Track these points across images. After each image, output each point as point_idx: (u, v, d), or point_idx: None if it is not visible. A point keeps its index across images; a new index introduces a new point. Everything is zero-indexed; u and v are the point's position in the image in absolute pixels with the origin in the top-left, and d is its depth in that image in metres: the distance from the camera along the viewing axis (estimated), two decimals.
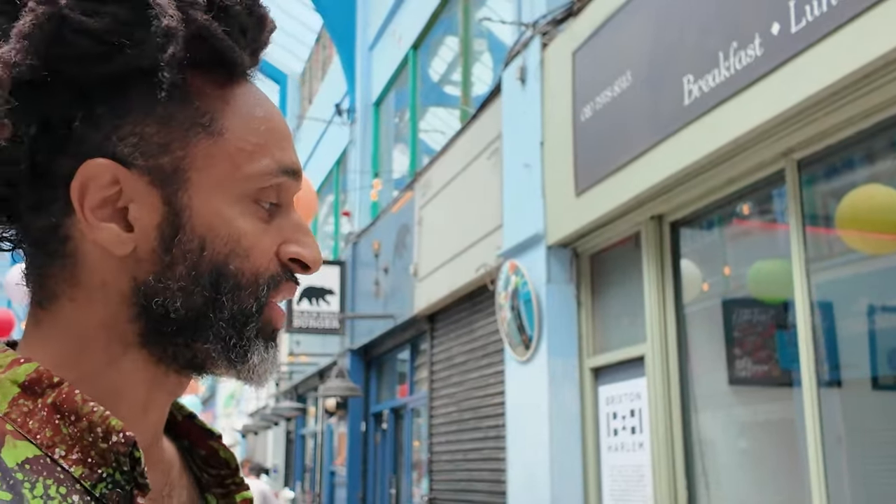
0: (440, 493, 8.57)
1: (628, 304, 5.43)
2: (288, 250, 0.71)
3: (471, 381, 7.88)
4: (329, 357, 12.93)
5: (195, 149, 0.67)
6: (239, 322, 0.68)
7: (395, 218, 10.15)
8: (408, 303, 9.30)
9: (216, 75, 0.69)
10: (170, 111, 0.67)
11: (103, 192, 0.66)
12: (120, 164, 0.66)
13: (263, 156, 0.69)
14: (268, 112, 0.72)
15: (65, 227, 0.66)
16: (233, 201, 0.68)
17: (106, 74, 0.65)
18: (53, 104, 0.65)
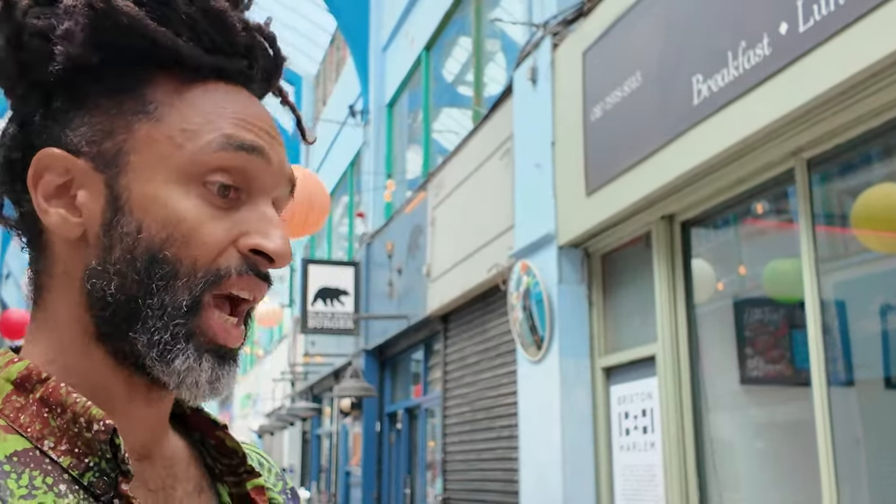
0: (454, 492, 8.59)
1: (639, 303, 5.43)
2: (248, 242, 0.68)
3: (484, 381, 7.90)
4: (344, 357, 12.98)
5: (137, 133, 0.68)
6: (168, 315, 0.65)
7: (408, 218, 10.18)
8: (421, 303, 9.32)
9: (177, 73, 0.70)
10: (117, 101, 0.68)
11: (55, 179, 0.68)
12: (70, 153, 0.68)
13: (208, 133, 0.67)
14: (231, 103, 0.70)
15: (39, 219, 0.69)
16: (173, 183, 0.66)
17: (59, 70, 0.67)
18: (27, 104, 0.70)
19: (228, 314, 0.68)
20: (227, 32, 0.71)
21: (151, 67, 0.69)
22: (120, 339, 0.67)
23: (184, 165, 0.67)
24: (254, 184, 0.69)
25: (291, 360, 17.07)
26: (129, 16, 0.66)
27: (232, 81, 0.72)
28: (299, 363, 16.67)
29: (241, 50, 0.72)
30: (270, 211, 0.69)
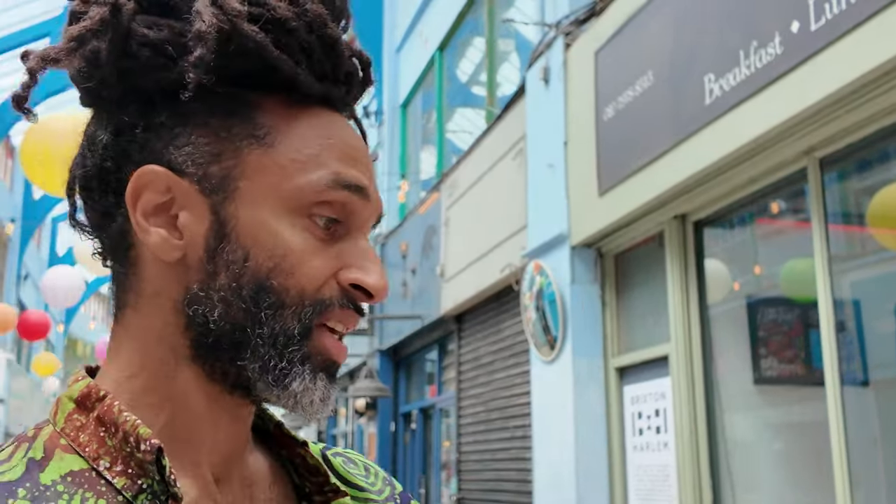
0: (468, 492, 8.60)
1: (652, 303, 5.42)
2: (348, 276, 0.68)
3: (497, 381, 7.90)
4: (359, 357, 13.01)
5: (246, 158, 0.67)
6: (280, 343, 0.65)
7: (422, 219, 10.20)
8: (435, 303, 9.34)
9: (285, 98, 0.69)
10: (227, 123, 0.67)
11: (156, 198, 0.67)
12: (174, 171, 0.67)
13: (318, 167, 0.67)
14: (337, 134, 0.70)
15: (130, 234, 0.68)
16: (282, 214, 0.66)
17: (167, 84, 0.66)
18: (123, 113, 0.68)
19: None
20: (337, 60, 0.71)
21: (261, 91, 0.69)
22: (222, 364, 0.66)
23: (293, 197, 0.66)
24: (353, 218, 0.69)
25: None
26: (256, 42, 0.66)
27: (332, 108, 0.72)
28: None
29: (343, 77, 0.72)
30: (367, 245, 0.70)
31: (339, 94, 0.71)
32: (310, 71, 0.69)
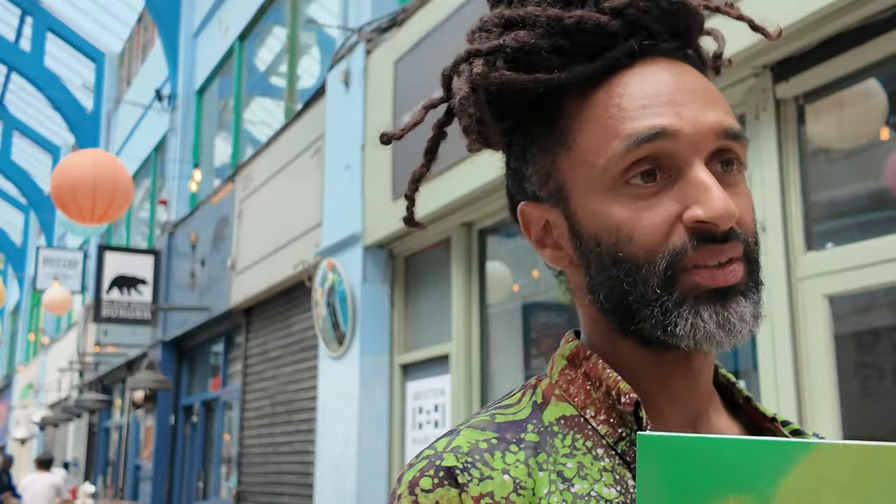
0: (249, 485, 8.62)
1: (437, 304, 5.73)
2: (689, 215, 0.70)
3: (285, 375, 7.99)
4: (139, 348, 12.61)
5: (562, 165, 0.77)
6: (651, 299, 0.71)
7: (214, 210, 10.07)
8: (224, 296, 9.27)
9: (576, 90, 0.76)
10: (544, 142, 0.78)
11: (538, 227, 0.81)
12: (534, 201, 0.80)
13: (610, 141, 0.72)
14: (625, 95, 0.74)
15: None
16: (602, 194, 0.73)
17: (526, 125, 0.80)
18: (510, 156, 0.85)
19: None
20: (599, 33, 0.75)
21: (553, 99, 0.77)
22: (635, 331, 0.74)
23: (602, 177, 0.73)
24: (672, 159, 0.72)
25: (81, 349, 16.34)
26: (508, 82, 0.77)
27: (626, 65, 0.76)
28: (90, 353, 15.99)
29: (623, 30, 0.76)
30: (700, 174, 0.71)
31: (622, 52, 0.75)
32: (579, 59, 0.75)
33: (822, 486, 0.54)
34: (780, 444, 0.56)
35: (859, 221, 3.55)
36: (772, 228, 3.42)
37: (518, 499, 0.68)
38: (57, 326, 21.77)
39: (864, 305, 3.50)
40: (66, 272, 15.94)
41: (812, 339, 3.24)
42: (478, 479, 0.69)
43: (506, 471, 0.70)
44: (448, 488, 0.68)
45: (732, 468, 0.56)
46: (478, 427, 0.74)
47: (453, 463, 0.69)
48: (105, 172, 6.87)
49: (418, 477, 0.70)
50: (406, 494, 0.70)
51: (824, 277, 3.24)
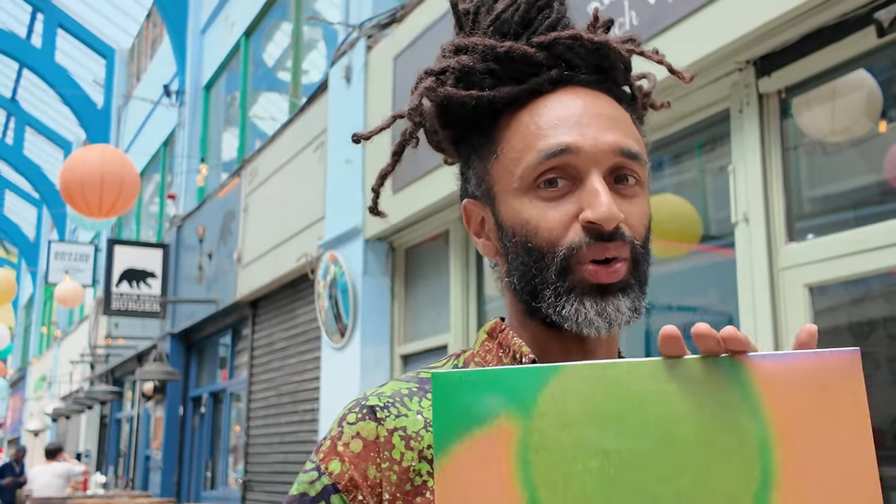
0: (255, 475, 8.75)
1: (436, 296, 5.84)
2: (581, 216, 0.85)
3: (289, 366, 8.11)
4: (148, 340, 12.77)
5: (492, 171, 0.91)
6: (550, 284, 0.85)
7: (221, 203, 10.20)
8: (231, 288, 9.39)
9: (508, 111, 0.92)
10: (481, 151, 0.93)
11: (475, 222, 0.96)
12: (473, 198, 0.95)
13: (527, 153, 0.87)
14: (544, 115, 0.88)
15: None
16: (518, 196, 0.88)
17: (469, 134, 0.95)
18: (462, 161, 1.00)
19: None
20: (526, 61, 0.91)
21: (491, 117, 0.93)
22: (538, 312, 0.88)
23: (519, 182, 0.88)
24: (575, 170, 0.86)
25: (92, 341, 16.53)
26: (449, 96, 0.92)
27: (548, 91, 0.91)
28: (101, 345, 16.17)
29: (548, 62, 0.91)
30: (594, 184, 0.85)
31: (546, 80, 0.90)
32: (508, 83, 0.90)
33: (568, 396, 0.70)
34: (537, 369, 0.71)
35: (840, 213, 3.63)
36: (754, 220, 3.50)
37: (427, 434, 0.84)
38: (69, 319, 22.00)
39: (851, 294, 3.58)
40: (78, 266, 16.12)
41: (793, 328, 3.32)
42: (394, 415, 0.85)
43: (419, 412, 0.86)
44: (368, 421, 0.85)
45: (503, 391, 0.70)
46: (402, 379, 0.91)
47: (375, 403, 0.86)
48: (112, 167, 6.99)
49: (346, 413, 0.87)
50: (335, 426, 0.87)
51: (805, 267, 3.33)
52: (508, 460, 0.70)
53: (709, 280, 4.25)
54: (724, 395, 0.69)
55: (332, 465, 0.85)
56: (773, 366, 0.69)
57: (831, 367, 0.69)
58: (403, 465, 0.83)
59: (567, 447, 0.69)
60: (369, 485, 0.83)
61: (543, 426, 0.70)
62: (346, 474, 0.84)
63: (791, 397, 0.69)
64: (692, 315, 4.38)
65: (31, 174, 22.64)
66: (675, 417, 0.69)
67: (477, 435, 0.70)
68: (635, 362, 0.71)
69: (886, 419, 3.56)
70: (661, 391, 0.70)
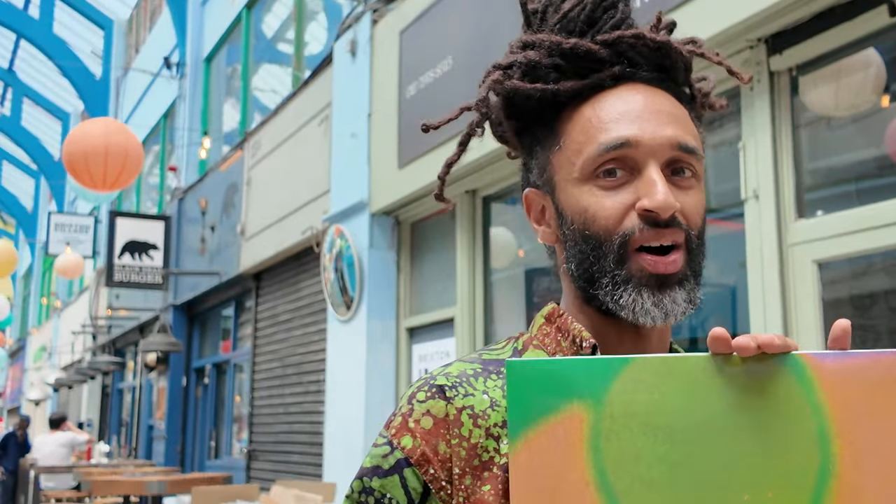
0: (260, 444, 8.84)
1: (442, 269, 5.88)
2: (638, 205, 0.89)
3: (294, 338, 8.17)
4: (151, 312, 12.83)
5: (553, 162, 0.96)
6: (608, 272, 0.89)
7: (223, 176, 10.21)
8: (234, 261, 9.43)
9: (572, 104, 0.96)
10: (545, 144, 0.98)
11: (536, 210, 1.01)
12: (535, 188, 1.00)
13: (588, 145, 0.91)
14: (606, 110, 0.93)
15: None
16: (578, 186, 0.92)
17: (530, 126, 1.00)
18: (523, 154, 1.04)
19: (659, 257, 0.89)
20: (590, 58, 0.95)
21: (555, 110, 0.97)
22: (595, 299, 0.92)
23: (579, 173, 0.93)
24: (633, 162, 0.90)
25: (93, 312, 16.59)
26: (515, 89, 0.96)
27: (610, 87, 0.95)
28: (102, 316, 16.23)
29: (611, 59, 0.95)
30: (652, 174, 0.89)
31: (607, 76, 0.94)
32: (574, 74, 0.95)
33: (637, 387, 0.75)
34: (609, 360, 0.76)
35: (849, 190, 3.67)
36: (764, 197, 3.54)
37: (493, 413, 0.89)
38: (69, 290, 22.04)
39: (859, 270, 3.63)
40: (78, 237, 16.13)
41: (801, 304, 3.37)
42: (462, 395, 0.90)
43: (485, 392, 0.91)
44: (437, 400, 0.89)
45: (575, 380, 0.76)
46: (466, 360, 0.96)
47: (444, 382, 0.91)
48: (117, 140, 6.99)
49: (415, 392, 0.92)
50: (405, 404, 0.92)
51: (814, 244, 3.37)
52: (580, 446, 0.75)
53: (717, 253, 4.29)
54: (786, 389, 0.74)
55: (404, 440, 0.89)
56: (833, 364, 0.74)
57: (887, 365, 0.73)
58: (472, 442, 0.87)
59: (636, 434, 0.74)
60: (440, 459, 0.87)
61: (614, 414, 0.75)
62: (417, 449, 0.88)
63: (849, 393, 0.73)
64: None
65: (29, 145, 22.56)
66: (738, 409, 0.74)
67: (550, 420, 0.75)
68: (703, 356, 0.75)
69: None
70: (726, 384, 0.75)
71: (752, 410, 0.74)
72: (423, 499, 0.88)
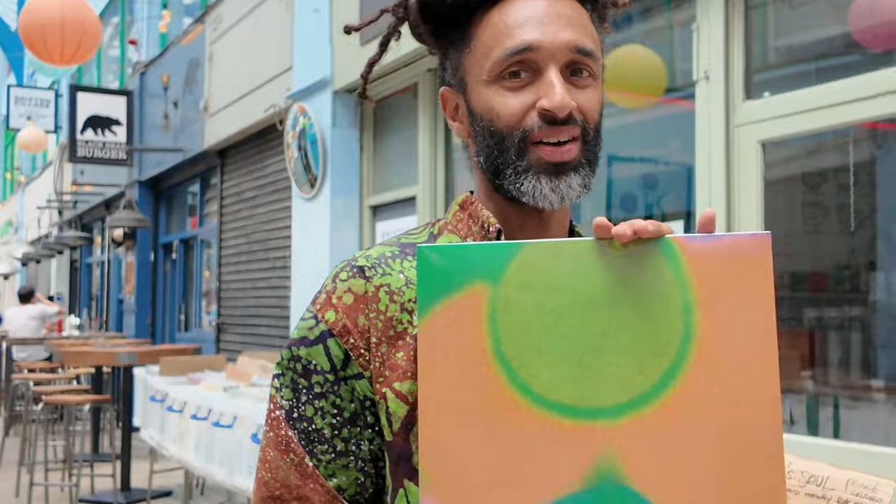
0: (228, 318, 9.05)
1: (405, 148, 5.95)
2: (538, 105, 0.98)
3: (259, 215, 8.26)
4: (116, 188, 12.79)
5: (465, 63, 1.04)
6: (510, 162, 0.99)
7: (184, 51, 10.03)
8: (198, 137, 9.39)
9: (483, 8, 1.03)
10: (458, 46, 1.05)
11: (450, 107, 1.09)
12: (449, 86, 1.08)
13: (495, 49, 1.00)
14: (512, 15, 1.00)
15: None
16: (486, 86, 1.01)
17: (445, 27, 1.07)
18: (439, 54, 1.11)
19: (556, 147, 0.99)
20: None
21: (468, 12, 1.04)
22: (501, 188, 1.03)
23: (487, 74, 1.01)
24: (535, 66, 0.99)
25: (58, 187, 16.48)
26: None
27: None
28: (67, 191, 16.14)
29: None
30: (551, 76, 0.98)
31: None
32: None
33: (531, 267, 0.86)
34: (506, 244, 0.87)
35: (808, 69, 3.75)
36: (714, 78, 3.62)
37: (407, 290, 1.01)
38: (33, 165, 21.78)
39: (809, 147, 3.76)
40: (40, 111, 15.85)
41: (745, 182, 3.51)
42: (380, 274, 1.02)
43: (402, 272, 1.02)
44: (358, 279, 1.01)
45: (478, 262, 0.87)
46: (386, 244, 1.07)
47: (364, 263, 1.03)
48: (73, 14, 6.84)
49: (339, 272, 1.03)
50: (330, 283, 1.03)
51: (759, 125, 3.48)
52: (479, 319, 0.87)
53: (671, 132, 4.39)
54: (658, 269, 0.86)
55: (327, 314, 1.01)
56: (699, 245, 0.86)
57: (746, 247, 0.85)
58: (388, 315, 0.99)
59: (528, 309, 0.86)
60: (359, 331, 0.99)
61: (510, 292, 0.87)
62: (339, 322, 1.00)
63: (711, 271, 0.86)
64: (654, 166, 4.55)
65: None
66: (617, 286, 0.86)
67: (454, 297, 0.87)
68: (588, 241, 0.87)
69: (831, 265, 3.83)
70: (607, 265, 0.87)
71: (629, 287, 0.86)
72: (344, 365, 0.99)
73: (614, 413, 0.85)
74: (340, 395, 1.00)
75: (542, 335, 0.86)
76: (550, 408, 0.85)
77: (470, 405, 0.86)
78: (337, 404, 1.00)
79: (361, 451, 1.00)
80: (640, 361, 0.85)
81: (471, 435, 0.86)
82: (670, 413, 0.84)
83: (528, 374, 0.86)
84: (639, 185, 4.80)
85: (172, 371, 5.10)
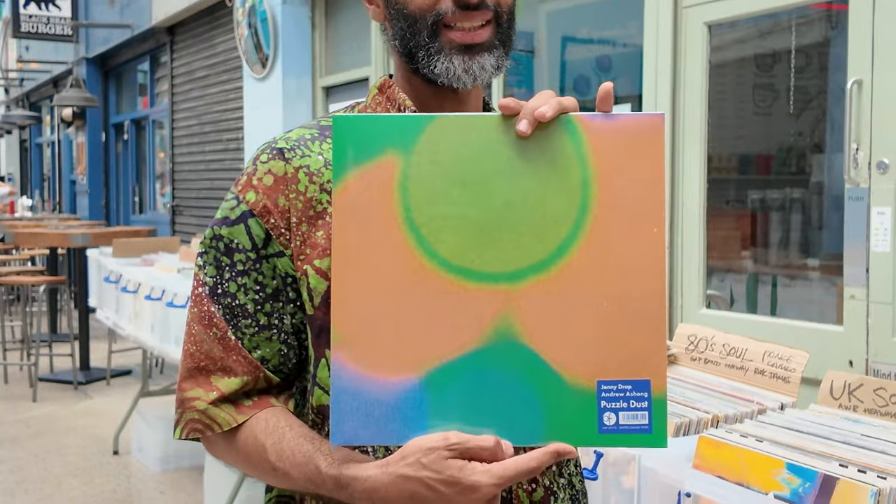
0: (183, 200, 9.01)
1: (357, 28, 5.85)
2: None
3: (211, 95, 8.13)
4: (63, 65, 12.44)
5: None
6: (422, 45, 1.02)
7: None
8: (145, 13, 9.12)
9: None
10: None
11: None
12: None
13: None
14: None
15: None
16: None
17: None
18: None
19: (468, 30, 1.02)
20: None
21: None
22: (417, 71, 1.05)
23: None
24: None
25: (3, 65, 15.97)
26: None
27: None
28: (13, 69, 15.66)
29: None
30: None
31: None
32: None
33: (441, 139, 0.91)
34: (418, 117, 0.92)
35: None
36: None
37: (326, 171, 1.05)
38: None
39: (762, 28, 3.78)
40: None
41: (690, 64, 3.54)
42: (300, 156, 1.05)
43: (321, 153, 1.06)
44: (277, 160, 1.04)
45: (390, 133, 0.92)
46: (306, 126, 1.10)
47: (283, 146, 1.06)
48: None
49: (259, 154, 1.07)
50: (250, 165, 1.07)
51: (705, 6, 3.49)
52: (391, 187, 0.92)
53: (624, 14, 4.38)
54: (560, 144, 0.92)
55: (248, 195, 1.04)
56: (600, 123, 0.92)
57: (642, 125, 0.91)
58: (307, 196, 1.03)
59: (437, 178, 0.92)
60: (279, 211, 1.03)
61: (420, 161, 0.92)
62: (260, 203, 1.03)
63: (610, 148, 0.92)
64: (608, 48, 4.56)
65: None
66: (521, 160, 0.92)
67: (368, 166, 0.92)
68: (494, 116, 0.92)
69: (777, 146, 3.91)
70: (513, 140, 0.92)
71: (532, 161, 0.91)
72: (266, 244, 1.03)
73: (514, 278, 0.91)
74: (262, 272, 1.04)
75: (449, 204, 0.91)
76: (456, 272, 0.91)
77: (380, 268, 0.91)
78: (259, 281, 1.04)
79: (284, 324, 1.05)
80: (540, 231, 0.91)
81: (380, 296, 0.92)
82: (565, 279, 0.91)
83: (436, 239, 0.91)
84: (592, 67, 4.80)
85: (126, 253, 5.11)
